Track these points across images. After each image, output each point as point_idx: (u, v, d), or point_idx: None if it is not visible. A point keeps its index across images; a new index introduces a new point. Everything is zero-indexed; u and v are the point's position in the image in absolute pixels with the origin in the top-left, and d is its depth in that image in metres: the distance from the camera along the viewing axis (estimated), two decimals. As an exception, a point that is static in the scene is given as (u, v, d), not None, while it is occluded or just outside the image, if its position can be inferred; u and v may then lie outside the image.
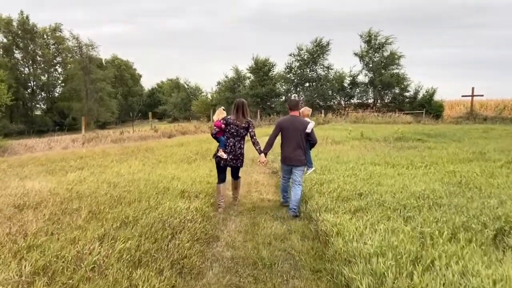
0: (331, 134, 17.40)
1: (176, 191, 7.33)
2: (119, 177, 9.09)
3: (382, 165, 9.61)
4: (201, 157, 12.81)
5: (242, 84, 45.46)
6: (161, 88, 75.31)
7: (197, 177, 8.95)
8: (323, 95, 39.56)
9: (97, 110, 50.52)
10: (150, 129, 22.89)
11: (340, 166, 9.59)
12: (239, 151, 6.88)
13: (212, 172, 9.86)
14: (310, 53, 40.13)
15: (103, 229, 5.06)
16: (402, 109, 35.62)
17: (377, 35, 37.17)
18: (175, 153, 13.52)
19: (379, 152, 11.92)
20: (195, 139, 18.99)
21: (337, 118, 32.78)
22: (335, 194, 6.81)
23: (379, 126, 25.94)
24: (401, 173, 8.56)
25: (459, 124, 26.87)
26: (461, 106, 39.12)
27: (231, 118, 6.81)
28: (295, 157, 6.73)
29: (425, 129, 20.49)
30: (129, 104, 70.33)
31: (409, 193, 6.52)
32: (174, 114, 61.87)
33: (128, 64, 70.22)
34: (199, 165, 11.06)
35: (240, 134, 6.81)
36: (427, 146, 12.69)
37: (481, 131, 19.09)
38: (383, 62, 36.69)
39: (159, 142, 18.12)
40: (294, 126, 6.70)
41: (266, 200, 7.80)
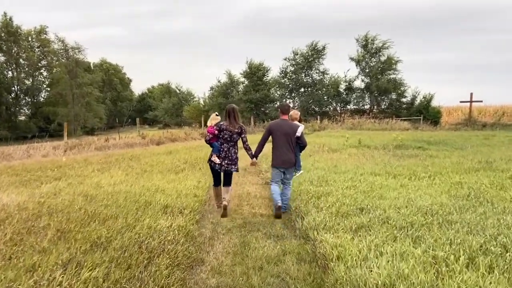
0: (328, 142, 16.94)
1: (158, 206, 6.80)
2: (97, 189, 8.55)
3: (383, 176, 9.14)
4: (190, 166, 12.29)
5: (236, 89, 45.03)
6: (151, 93, 74.60)
7: (183, 189, 8.43)
8: (319, 101, 39.21)
9: (84, 116, 49.70)
10: (138, 135, 22.31)
11: (338, 176, 9.11)
12: (234, 156, 7.23)
13: (200, 184, 9.36)
14: (305, 58, 39.79)
15: (68, 252, 4.51)
16: (399, 115, 35.33)
17: (374, 39, 37.00)
18: (162, 161, 12.99)
19: (379, 161, 11.47)
20: (185, 146, 18.45)
21: (333, 125, 32.38)
22: (333, 209, 6.31)
23: (376, 132, 25.58)
24: (404, 185, 8.09)
25: (458, 130, 26.57)
26: (459, 112, 38.94)
27: (224, 124, 7.12)
28: (286, 160, 7.05)
29: (424, 136, 20.11)
30: (118, 109, 69.60)
31: (415, 208, 6.04)
32: (165, 120, 61.26)
33: (117, 68, 69.48)
34: (187, 175, 10.54)
35: (233, 139, 7.16)
36: (429, 155, 12.26)
37: (482, 138, 18.75)
38: (380, 67, 36.42)
39: (146, 150, 17.56)
40: (284, 129, 7.00)
41: (259, 214, 7.28)
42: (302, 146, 7.42)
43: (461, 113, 36.93)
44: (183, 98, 59.62)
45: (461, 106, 37.82)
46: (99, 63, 65.85)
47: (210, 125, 7.29)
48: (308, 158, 12.66)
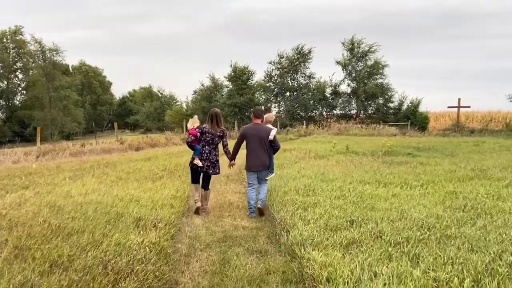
0: (314, 147, 16.61)
1: (130, 219, 6.31)
2: (66, 199, 8.00)
3: (373, 184, 8.80)
4: (169, 173, 11.80)
5: (219, 93, 44.60)
6: (133, 97, 73.67)
7: (159, 199, 7.94)
8: (305, 105, 38.99)
9: (62, 120, 48.66)
10: (116, 141, 21.69)
11: (326, 185, 8.73)
12: (215, 158, 7.56)
13: (178, 193, 8.89)
14: (291, 61, 39.56)
15: (23, 275, 4.02)
16: (386, 120, 35.29)
17: (360, 43, 36.95)
18: (140, 168, 12.46)
19: (368, 168, 11.15)
20: (165, 152, 17.93)
21: (319, 130, 32.15)
22: (322, 221, 5.91)
23: (363, 138, 25.39)
24: (396, 194, 7.75)
25: (447, 136, 26.55)
26: (446, 118, 39.15)
27: (206, 127, 7.47)
28: (260, 163, 7.41)
29: (412, 142, 19.94)
30: (98, 113, 68.52)
31: (410, 221, 5.68)
32: (147, 125, 60.47)
33: (97, 71, 68.50)
34: (165, 184, 10.05)
35: (215, 142, 7.51)
36: (419, 162, 11.98)
37: (472, 144, 18.63)
38: (366, 71, 36.37)
39: (124, 156, 17.00)
40: (258, 133, 7.34)
41: (241, 227, 6.85)
42: (275, 149, 7.73)
43: (448, 118, 37.11)
44: (165, 102, 58.94)
45: (449, 112, 37.99)
46: (78, 65, 64.78)
47: (191, 127, 7.59)
48: (294, 165, 12.29)
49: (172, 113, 48.34)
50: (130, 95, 76.46)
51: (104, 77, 71.98)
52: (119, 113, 73.39)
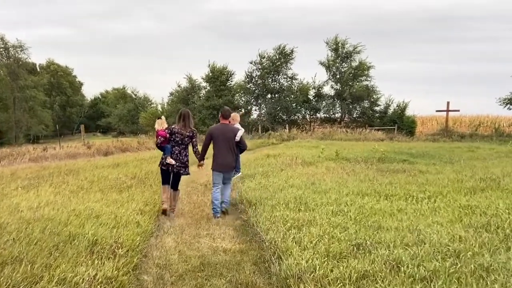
0: (300, 153, 15.69)
1: (84, 242, 5.24)
2: (13, 215, 6.91)
3: (373, 196, 7.90)
4: (139, 182, 10.72)
5: (197, 94, 43.37)
6: (105, 99, 71.72)
7: (124, 215, 6.88)
8: (287, 108, 38.05)
9: (27, 122, 46.69)
10: (82, 145, 20.38)
11: (319, 197, 7.80)
12: (185, 159, 7.67)
13: (147, 207, 7.84)
14: (272, 62, 38.62)
15: None
16: (371, 124, 34.69)
17: (344, 43, 36.22)
18: (106, 176, 11.33)
19: (363, 176, 10.27)
20: (136, 157, 16.76)
21: (303, 134, 31.33)
22: (321, 246, 4.97)
23: (350, 143, 24.64)
24: (402, 209, 6.86)
25: (437, 141, 26.03)
26: (433, 122, 38.88)
27: (176, 127, 7.59)
28: (227, 163, 7.59)
29: (402, 147, 19.23)
30: (68, 115, 66.31)
31: (430, 246, 4.77)
32: (120, 128, 58.76)
33: (66, 70, 66.29)
34: (132, 195, 8.97)
35: (184, 142, 7.63)
36: (418, 170, 11.16)
37: (466, 150, 18.03)
38: (351, 72, 35.69)
39: (89, 162, 15.77)
40: (225, 134, 7.53)
41: (221, 250, 5.84)
42: (242, 149, 7.93)
43: (436, 123, 36.78)
44: (139, 104, 57.31)
45: (436, 116, 37.75)
46: (45, 64, 62.63)
47: (159, 128, 7.65)
48: (280, 173, 11.34)
49: (147, 115, 46.77)
50: (102, 96, 74.40)
51: (74, 77, 69.82)
52: (91, 115, 71.31)
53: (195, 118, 38.74)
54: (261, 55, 39.22)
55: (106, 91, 74.11)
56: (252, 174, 11.24)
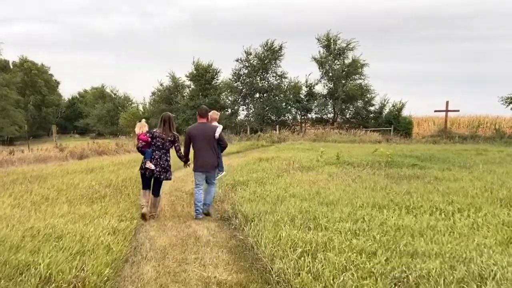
0: (295, 156, 14.65)
1: (35, 278, 4.08)
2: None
3: (392, 209, 6.85)
4: (114, 191, 9.53)
5: (181, 93, 42.10)
6: (83, 98, 69.91)
7: (93, 235, 5.74)
8: (276, 108, 36.97)
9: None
10: (54, 147, 19.02)
11: (328, 210, 6.73)
12: (165, 163, 7.58)
13: (122, 224, 6.68)
14: (260, 59, 37.51)
15: None
16: (366, 125, 33.84)
17: (336, 39, 35.30)
18: (76, 184, 10.12)
19: (372, 184, 9.23)
20: (114, 161, 15.51)
21: (294, 136, 30.32)
22: (349, 282, 3.87)
23: (345, 145, 23.71)
24: (432, 226, 5.82)
25: (438, 143, 25.20)
26: (429, 123, 38.18)
27: (157, 131, 7.54)
28: (209, 163, 7.56)
29: (404, 150, 18.28)
30: (43, 116, 64.35)
31: (496, 285, 3.71)
32: (98, 129, 57.14)
33: (42, 68, 64.32)
34: (106, 207, 7.80)
35: (166, 147, 7.57)
36: (433, 176, 10.16)
37: (474, 153, 17.16)
38: (344, 70, 34.76)
39: (61, 166, 14.48)
40: (204, 133, 7.53)
41: (214, 282, 4.72)
42: (223, 147, 7.92)
43: (432, 123, 36.08)
44: (119, 104, 55.80)
45: (431, 116, 37.06)
46: (19, 62, 60.67)
47: (139, 132, 7.56)
48: (277, 179, 10.24)
49: (127, 116, 45.36)
50: (80, 96, 72.50)
51: (50, 76, 67.77)
52: (68, 116, 69.54)
53: (179, 118, 37.58)
54: (247, 52, 38.13)
55: (85, 91, 72.38)
56: (245, 181, 10.12)
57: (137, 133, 7.63)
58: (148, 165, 7.42)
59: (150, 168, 7.42)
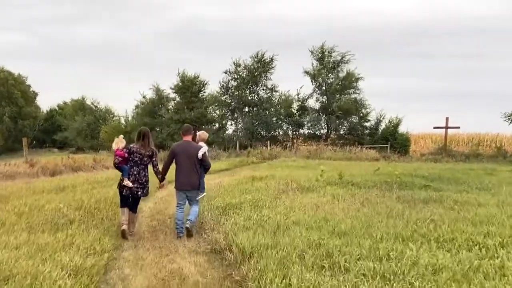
0: (292, 175, 13.62)
1: None
2: None
3: (418, 242, 5.83)
4: (85, 215, 8.38)
5: (165, 107, 40.96)
6: (62, 110, 68.32)
7: (49, 277, 4.61)
8: (266, 123, 35.98)
9: (-30, 135, 43.29)
10: (24, 162, 17.74)
11: (343, 244, 5.68)
12: (144, 179, 7.53)
13: (89, 260, 5.55)
14: (250, 71, 36.61)
15: None
16: (361, 142, 33.02)
17: (331, 51, 34.62)
18: (41, 206, 8.92)
19: (385, 209, 8.23)
20: (89, 179, 14.31)
21: (286, 152, 29.34)
22: None
23: (341, 163, 22.77)
24: (476, 267, 4.80)
25: (439, 162, 24.39)
26: (426, 140, 37.59)
27: (135, 146, 7.51)
28: (189, 182, 7.51)
29: (407, 169, 17.36)
30: (20, 128, 62.58)
31: None
32: (78, 143, 55.59)
33: (19, 78, 62.69)
34: (73, 236, 6.68)
35: (144, 162, 7.51)
36: (452, 199, 9.19)
37: (483, 172, 16.35)
38: (338, 84, 33.98)
39: (29, 184, 13.26)
40: (188, 151, 7.53)
41: None
42: (206, 168, 7.86)
43: (430, 141, 35.45)
44: (100, 117, 54.42)
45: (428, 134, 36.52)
46: (-6, 71, 59.13)
47: (116, 148, 7.48)
48: (275, 201, 9.18)
49: (108, 129, 43.99)
50: (60, 108, 70.87)
51: (28, 87, 66.24)
52: (46, 129, 67.66)
53: (163, 133, 36.41)
54: (236, 63, 37.24)
55: (64, 103, 70.73)
56: (237, 203, 9.03)
57: (113, 148, 7.54)
58: (126, 183, 7.30)
59: (127, 186, 7.29)
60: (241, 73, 37.20)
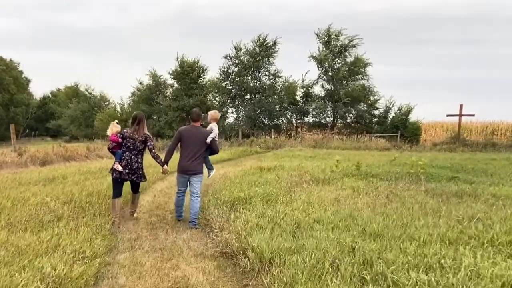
0: (304, 166, 12.79)
1: None
2: None
3: (469, 246, 5.01)
4: (75, 210, 7.56)
5: (163, 93, 39.98)
6: (56, 98, 67.38)
7: None
8: (269, 110, 35.00)
9: (-41, 123, 42.42)
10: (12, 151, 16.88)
11: (381, 248, 4.86)
12: (135, 165, 7.43)
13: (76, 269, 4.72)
14: (251, 55, 35.52)
15: None
16: (369, 130, 32.12)
17: (338, 34, 33.50)
18: (27, 200, 8.10)
19: (415, 204, 7.41)
20: (81, 169, 13.47)
21: (291, 141, 28.48)
22: None
23: (351, 152, 22.00)
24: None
25: (454, 151, 23.53)
26: (436, 129, 36.70)
27: (128, 131, 7.51)
28: (191, 166, 7.38)
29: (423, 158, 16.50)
30: (12, 116, 61.63)
31: None
32: (72, 131, 54.65)
33: (10, 64, 61.65)
34: (59, 235, 5.87)
35: (137, 148, 7.46)
36: (489, 193, 8.36)
37: (507, 162, 15.55)
38: (346, 70, 32.94)
39: (16, 174, 12.43)
40: (196, 136, 7.43)
41: None
42: (213, 151, 7.76)
43: (441, 129, 34.59)
44: (95, 104, 53.40)
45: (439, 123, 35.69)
46: (-17, 57, 58.06)
47: (111, 133, 7.49)
48: (290, 196, 8.34)
49: (103, 117, 42.99)
50: (53, 95, 69.99)
51: (20, 73, 65.19)
52: (39, 117, 66.89)
53: (160, 121, 35.50)
54: (237, 48, 36.17)
55: (58, 89, 69.82)
56: (247, 197, 8.19)
57: (108, 134, 7.56)
58: (116, 166, 7.31)
59: (117, 170, 7.28)
60: (242, 57, 36.17)
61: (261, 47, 35.90)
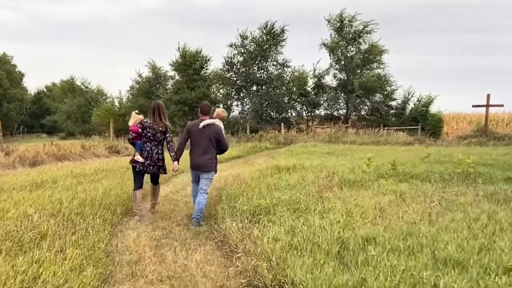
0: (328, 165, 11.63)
1: None
2: None
3: None
4: (63, 225, 6.41)
5: (163, 86, 38.83)
6: (51, 92, 66.40)
7: None
8: (277, 103, 33.76)
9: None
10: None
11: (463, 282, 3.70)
12: (156, 157, 7.57)
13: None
14: (258, 44, 34.30)
15: None
16: (386, 123, 30.85)
17: (352, 20, 32.14)
18: (6, 212, 6.96)
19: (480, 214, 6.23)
20: (74, 171, 12.29)
21: (303, 136, 27.31)
22: None
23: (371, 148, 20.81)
24: None
25: (484, 145, 22.31)
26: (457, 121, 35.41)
27: (148, 121, 7.53)
28: (202, 162, 7.33)
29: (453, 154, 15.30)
30: (5, 112, 60.72)
31: None
32: (68, 127, 53.63)
33: (3, 58, 60.68)
34: (40, 263, 4.73)
35: (157, 138, 7.57)
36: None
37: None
38: (360, 58, 31.64)
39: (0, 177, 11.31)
40: (205, 131, 7.31)
41: None
42: (222, 150, 7.63)
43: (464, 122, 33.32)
44: (92, 99, 52.33)
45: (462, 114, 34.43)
46: (-25, 50, 57.06)
47: (131, 124, 7.57)
48: (321, 203, 7.16)
49: (100, 112, 41.98)
50: (48, 90, 69.07)
51: (13, 67, 64.28)
52: (34, 113, 66.10)
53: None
54: (243, 36, 34.97)
55: (53, 84, 68.84)
56: (269, 205, 7.02)
57: (129, 124, 7.62)
58: (136, 157, 7.43)
59: (138, 161, 7.40)
60: (248, 46, 34.97)
61: (268, 35, 34.72)
